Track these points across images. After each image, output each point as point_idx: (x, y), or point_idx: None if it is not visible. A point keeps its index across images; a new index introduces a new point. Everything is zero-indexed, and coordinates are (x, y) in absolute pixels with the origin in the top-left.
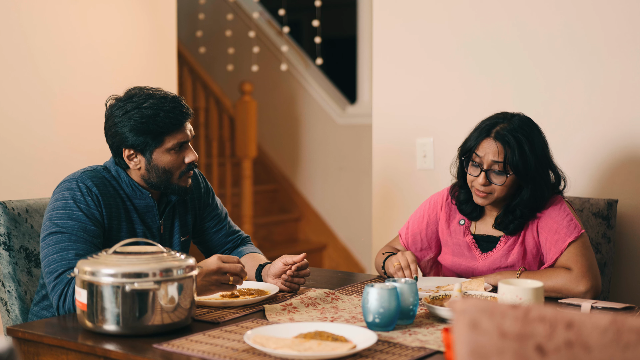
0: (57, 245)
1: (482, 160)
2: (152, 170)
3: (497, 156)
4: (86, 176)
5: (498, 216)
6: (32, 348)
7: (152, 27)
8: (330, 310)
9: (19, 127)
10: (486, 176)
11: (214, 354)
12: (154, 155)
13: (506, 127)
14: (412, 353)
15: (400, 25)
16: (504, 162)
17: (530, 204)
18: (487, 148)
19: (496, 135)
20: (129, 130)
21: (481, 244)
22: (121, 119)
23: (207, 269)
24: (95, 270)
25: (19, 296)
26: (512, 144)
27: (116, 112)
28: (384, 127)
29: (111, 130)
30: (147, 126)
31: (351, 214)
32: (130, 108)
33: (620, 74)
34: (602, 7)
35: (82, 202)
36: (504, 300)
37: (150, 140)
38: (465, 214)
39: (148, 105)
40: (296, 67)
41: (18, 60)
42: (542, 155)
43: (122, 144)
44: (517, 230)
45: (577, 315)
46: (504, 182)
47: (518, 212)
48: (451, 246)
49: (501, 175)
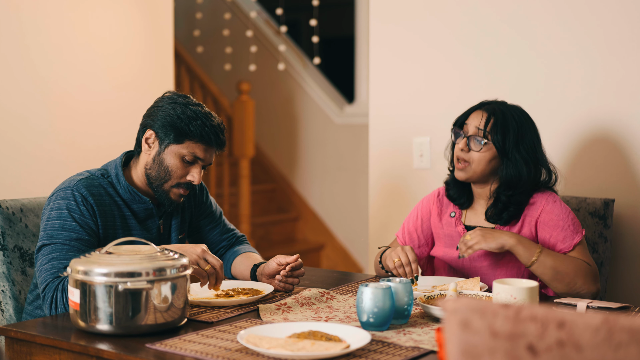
0: (49, 256)
1: (467, 129)
2: (156, 162)
3: (481, 123)
4: (82, 184)
5: (488, 208)
6: (24, 347)
7: (149, 25)
8: (325, 310)
9: (15, 125)
10: (467, 142)
11: (206, 354)
12: (167, 149)
13: (499, 105)
14: (405, 353)
15: (396, 24)
16: (485, 129)
17: (511, 184)
18: (474, 117)
19: (487, 107)
20: (165, 116)
21: None
22: (165, 106)
23: (192, 248)
24: (88, 270)
25: (13, 296)
26: (498, 115)
27: (166, 99)
28: (380, 127)
29: (151, 109)
30: (180, 122)
31: (349, 213)
32: (179, 102)
33: (619, 72)
34: (603, 5)
35: (76, 212)
36: (499, 299)
37: (173, 134)
38: (452, 199)
39: (195, 110)
40: (294, 66)
41: (15, 58)
42: (528, 141)
43: (151, 125)
44: (511, 219)
45: (569, 315)
46: (480, 149)
47: (503, 197)
48: (443, 238)
49: (479, 143)
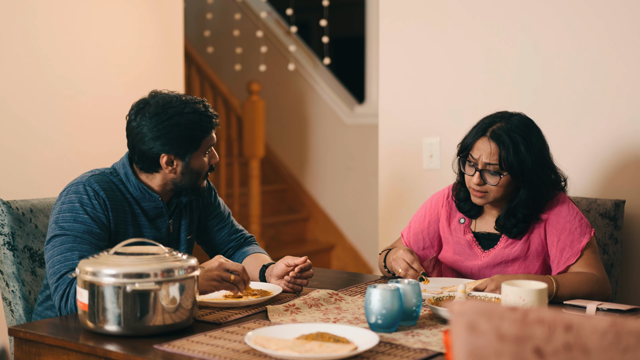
0: (62, 247)
1: (477, 160)
2: (186, 174)
3: (491, 157)
4: (94, 180)
5: (499, 217)
6: (33, 348)
7: (159, 26)
8: (334, 311)
9: (25, 128)
10: (481, 176)
11: (214, 355)
12: (191, 159)
13: (503, 126)
14: (413, 355)
15: (406, 24)
16: (499, 162)
17: (530, 204)
18: (482, 148)
19: (492, 134)
20: (176, 137)
21: (482, 242)
22: (164, 125)
23: (209, 266)
24: (96, 271)
25: (22, 296)
26: (507, 143)
27: (154, 120)
28: (390, 127)
29: (148, 137)
30: (192, 131)
31: (360, 214)
32: (173, 113)
33: (629, 72)
34: (613, 9)
35: (88, 206)
36: (507, 301)
37: (190, 145)
38: (463, 211)
39: (190, 110)
40: (304, 66)
41: (25, 62)
42: (539, 155)
43: (163, 150)
44: (520, 234)
45: (576, 318)
46: (498, 183)
47: (519, 215)
48: (452, 244)
49: (495, 175)
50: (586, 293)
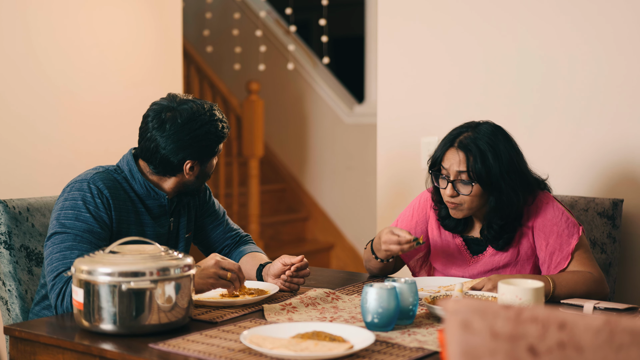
0: (61, 245)
1: (448, 172)
2: (200, 177)
3: (460, 165)
4: (98, 178)
5: (482, 229)
6: (28, 347)
7: (158, 25)
8: (330, 310)
9: (24, 127)
10: (453, 187)
11: (210, 354)
12: (208, 163)
13: (470, 135)
14: (409, 353)
15: (405, 23)
16: (467, 170)
17: (501, 213)
18: (451, 159)
19: (459, 144)
20: (204, 145)
21: (471, 247)
22: (194, 135)
23: (205, 264)
24: (91, 269)
25: (19, 295)
26: (474, 152)
27: (185, 129)
28: (389, 127)
29: (176, 146)
30: (215, 139)
31: (359, 213)
32: (201, 124)
33: (630, 71)
34: (617, 8)
35: (91, 204)
36: (504, 300)
37: (210, 152)
38: (449, 229)
39: (214, 119)
40: (304, 66)
41: (24, 60)
42: (508, 162)
43: (188, 158)
44: (507, 245)
45: (570, 316)
46: (470, 192)
47: (495, 226)
48: (441, 247)
49: (467, 185)
50: (584, 292)
